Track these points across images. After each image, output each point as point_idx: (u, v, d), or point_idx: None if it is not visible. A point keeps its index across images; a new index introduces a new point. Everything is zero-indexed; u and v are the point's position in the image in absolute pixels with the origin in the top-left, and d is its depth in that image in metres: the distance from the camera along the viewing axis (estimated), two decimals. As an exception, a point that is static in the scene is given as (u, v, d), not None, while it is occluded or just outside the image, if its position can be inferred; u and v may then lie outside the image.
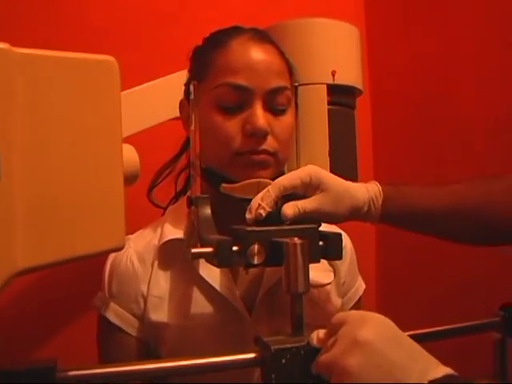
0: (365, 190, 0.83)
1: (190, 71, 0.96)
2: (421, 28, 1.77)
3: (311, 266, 0.71)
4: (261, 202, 0.77)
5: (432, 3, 1.72)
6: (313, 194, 0.80)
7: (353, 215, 0.83)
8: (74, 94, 0.53)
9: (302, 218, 0.78)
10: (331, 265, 0.99)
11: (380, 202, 0.84)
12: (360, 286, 1.08)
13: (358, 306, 1.06)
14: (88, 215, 0.54)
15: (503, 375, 0.89)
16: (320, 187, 0.80)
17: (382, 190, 0.84)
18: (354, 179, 1.07)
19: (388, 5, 1.91)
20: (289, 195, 0.79)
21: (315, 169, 0.81)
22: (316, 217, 0.80)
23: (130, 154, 0.75)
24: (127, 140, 0.99)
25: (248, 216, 0.77)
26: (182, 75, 0.99)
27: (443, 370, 0.55)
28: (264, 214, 0.76)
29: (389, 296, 1.92)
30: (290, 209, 0.77)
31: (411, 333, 0.74)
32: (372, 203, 0.83)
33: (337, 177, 0.83)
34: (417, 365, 0.55)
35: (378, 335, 0.57)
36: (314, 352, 0.64)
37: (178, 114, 0.98)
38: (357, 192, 0.82)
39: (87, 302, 0.98)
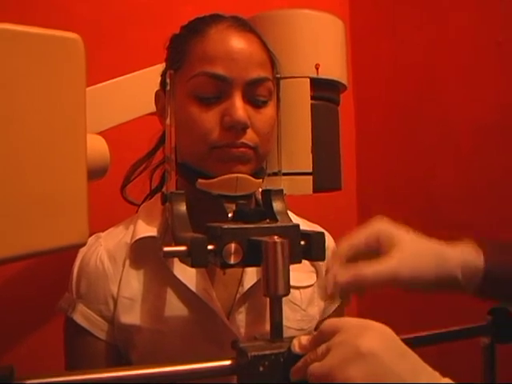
0: (458, 251, 0.69)
1: (166, 60, 0.92)
2: (407, 24, 1.75)
3: (293, 266, 0.68)
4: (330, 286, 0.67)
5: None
6: (387, 254, 0.67)
7: (441, 283, 0.68)
8: (34, 73, 0.48)
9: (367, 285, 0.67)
10: (314, 266, 0.96)
11: (480, 265, 0.68)
12: (343, 288, 1.04)
13: (340, 309, 1.03)
14: (46, 208, 0.49)
15: (492, 381, 0.86)
16: (394, 245, 0.67)
17: (484, 251, 0.69)
18: (338, 179, 1.03)
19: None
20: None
21: (384, 223, 0.69)
22: (388, 284, 0.67)
23: (98, 144, 0.69)
24: (101, 135, 0.96)
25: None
26: (159, 69, 0.95)
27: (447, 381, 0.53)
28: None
29: (371, 298, 1.89)
30: (345, 276, 0.66)
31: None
32: (468, 268, 0.68)
33: (415, 233, 0.70)
34: (421, 378, 0.52)
35: (382, 346, 0.53)
36: (294, 359, 0.60)
37: (154, 109, 0.94)
38: (447, 252, 0.68)
39: (54, 304, 0.93)
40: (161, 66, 0.95)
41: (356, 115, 1.95)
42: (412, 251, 0.67)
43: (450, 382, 0.52)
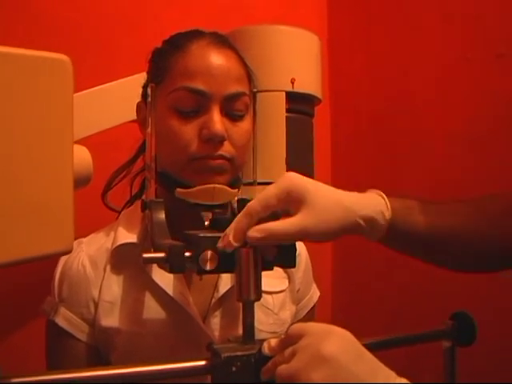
0: (366, 203, 0.72)
1: (148, 73, 0.95)
2: (382, 38, 1.81)
3: (266, 272, 0.72)
4: (230, 237, 0.68)
5: (394, 15, 1.76)
6: (297, 211, 0.69)
7: (347, 231, 0.71)
8: (24, 92, 0.52)
9: (277, 241, 0.70)
10: (286, 272, 1.00)
11: (386, 218, 0.72)
12: (314, 293, 1.08)
13: (311, 313, 1.07)
14: (34, 217, 0.52)
15: (452, 381, 0.91)
16: (303, 201, 0.68)
17: (390, 204, 0.73)
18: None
19: (351, 15, 1.94)
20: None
21: (294, 180, 0.70)
22: (298, 238, 0.72)
23: (82, 155, 0.73)
24: (84, 141, 0.98)
25: (219, 245, 0.70)
26: (141, 78, 0.98)
27: (403, 381, 0.57)
28: (231, 250, 0.69)
29: (344, 304, 1.94)
30: (256, 232, 0.67)
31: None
32: (374, 220, 0.72)
33: (326, 186, 0.72)
34: (378, 378, 0.56)
35: (342, 349, 0.58)
36: (264, 360, 0.64)
37: (135, 116, 0.97)
38: (354, 204, 0.71)
39: (35, 308, 0.96)
40: (141, 76, 0.97)
41: (332, 125, 1.99)
42: (319, 206, 0.68)
43: (406, 381, 0.56)
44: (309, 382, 0.56)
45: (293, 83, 1.03)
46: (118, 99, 1.12)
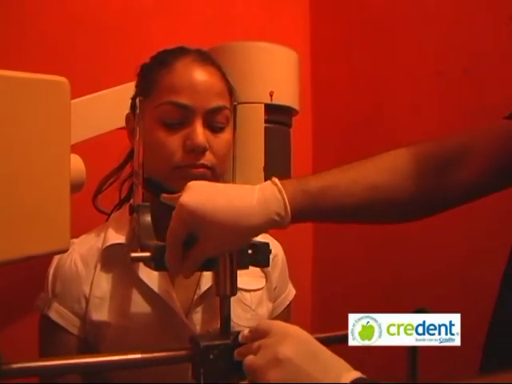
0: (262, 215, 0.73)
1: (136, 87, 1.02)
2: (361, 52, 1.89)
3: (245, 271, 0.79)
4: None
5: (372, 30, 1.84)
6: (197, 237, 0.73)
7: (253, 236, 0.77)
8: (26, 112, 0.59)
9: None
10: (263, 271, 1.06)
11: (287, 218, 0.74)
12: (290, 292, 1.15)
13: (287, 310, 1.13)
14: (35, 219, 0.59)
15: (414, 379, 0.96)
16: (199, 234, 0.72)
17: (289, 198, 0.75)
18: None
19: (332, 28, 2.02)
20: None
21: (190, 210, 0.71)
22: None
23: (76, 163, 0.80)
24: (75, 147, 1.03)
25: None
26: (130, 87, 1.04)
27: (354, 375, 0.62)
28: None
29: (323, 301, 2.00)
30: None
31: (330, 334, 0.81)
32: (274, 225, 0.75)
33: (225, 205, 0.72)
34: (330, 374, 0.62)
35: (296, 351, 0.64)
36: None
37: (124, 124, 1.03)
38: (249, 224, 0.72)
39: (27, 304, 1.02)
40: (130, 85, 1.03)
41: (313, 134, 2.07)
42: (215, 240, 0.73)
43: (359, 374, 0.62)
44: (266, 380, 0.63)
45: (271, 96, 1.10)
46: (107, 107, 1.17)
